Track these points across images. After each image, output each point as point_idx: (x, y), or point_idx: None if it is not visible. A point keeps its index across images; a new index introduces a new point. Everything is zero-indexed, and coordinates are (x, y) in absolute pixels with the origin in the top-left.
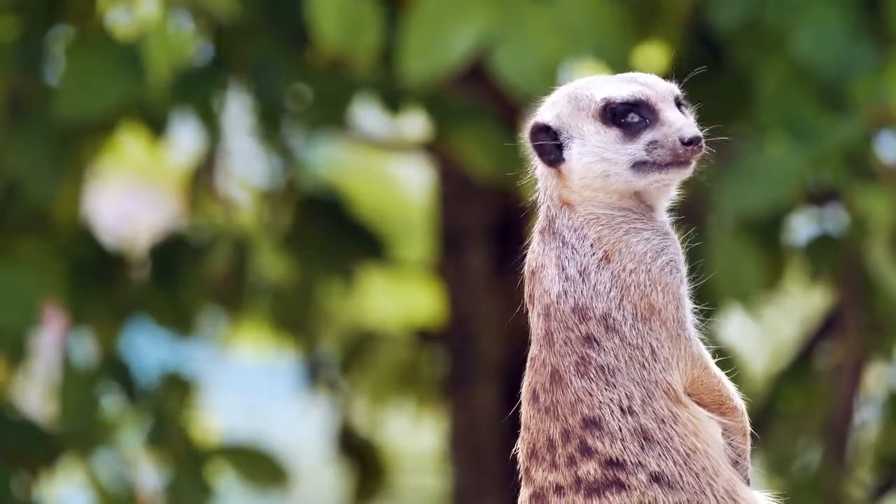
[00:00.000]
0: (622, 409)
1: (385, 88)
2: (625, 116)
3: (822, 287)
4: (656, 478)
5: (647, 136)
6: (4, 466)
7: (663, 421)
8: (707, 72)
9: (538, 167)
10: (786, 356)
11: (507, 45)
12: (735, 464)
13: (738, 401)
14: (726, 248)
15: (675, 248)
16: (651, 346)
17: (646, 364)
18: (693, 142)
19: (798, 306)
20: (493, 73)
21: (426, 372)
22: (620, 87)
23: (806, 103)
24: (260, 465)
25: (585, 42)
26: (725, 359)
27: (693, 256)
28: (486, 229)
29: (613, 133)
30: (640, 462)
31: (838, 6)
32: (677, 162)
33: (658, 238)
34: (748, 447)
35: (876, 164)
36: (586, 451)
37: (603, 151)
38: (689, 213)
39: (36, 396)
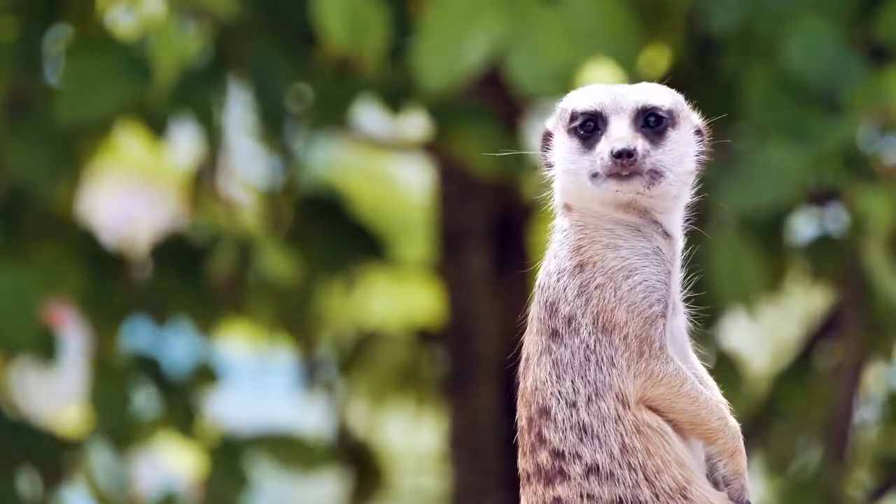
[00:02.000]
0: (568, 403)
1: (387, 88)
2: (583, 127)
3: (823, 287)
4: (591, 469)
5: (598, 147)
6: (7, 468)
7: (605, 419)
8: (708, 73)
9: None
10: (786, 356)
11: (520, 50)
12: (717, 483)
13: (721, 423)
14: (727, 248)
15: (655, 270)
16: (610, 355)
17: (602, 367)
18: (620, 155)
19: (798, 306)
20: (508, 78)
21: (426, 372)
22: (582, 97)
23: (792, 108)
24: (298, 451)
25: (596, 45)
26: (727, 360)
27: (693, 257)
28: (486, 229)
29: (575, 143)
30: (576, 453)
31: (830, 18)
32: (617, 175)
33: (636, 258)
34: (740, 467)
35: (876, 164)
36: (541, 440)
37: (568, 162)
38: (691, 214)
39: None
